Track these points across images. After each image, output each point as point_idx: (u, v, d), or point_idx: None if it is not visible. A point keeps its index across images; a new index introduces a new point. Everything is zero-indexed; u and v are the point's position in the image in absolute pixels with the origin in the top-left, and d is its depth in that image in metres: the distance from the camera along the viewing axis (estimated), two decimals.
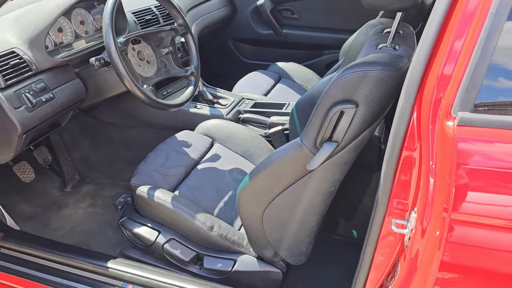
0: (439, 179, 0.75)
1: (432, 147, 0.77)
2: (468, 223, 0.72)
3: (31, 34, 1.37)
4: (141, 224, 1.40)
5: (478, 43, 0.72)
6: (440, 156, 0.75)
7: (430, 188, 0.78)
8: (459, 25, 0.77)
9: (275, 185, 1.14)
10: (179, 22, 1.63)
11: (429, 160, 0.78)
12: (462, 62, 0.74)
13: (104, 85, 1.58)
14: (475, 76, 0.72)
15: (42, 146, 1.93)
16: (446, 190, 0.73)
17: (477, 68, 0.71)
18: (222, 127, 1.71)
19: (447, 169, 0.73)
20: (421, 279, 0.81)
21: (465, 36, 0.75)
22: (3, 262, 1.41)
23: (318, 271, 1.54)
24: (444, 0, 0.80)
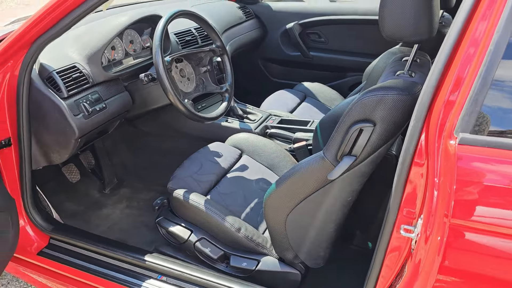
0: (442, 191, 0.88)
1: (437, 163, 0.90)
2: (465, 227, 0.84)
3: (90, 52, 1.57)
4: (176, 224, 1.55)
5: (478, 75, 0.85)
6: (443, 171, 0.88)
7: (434, 199, 0.90)
8: (463, 59, 0.90)
9: (299, 192, 1.27)
10: (217, 44, 1.80)
11: (434, 174, 0.90)
12: (464, 90, 0.87)
13: (148, 98, 1.76)
14: (475, 103, 0.84)
15: (87, 151, 2.13)
16: (447, 200, 0.86)
17: (477, 96, 0.84)
18: (250, 140, 1.86)
19: (448, 182, 0.86)
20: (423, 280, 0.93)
21: (467, 69, 0.88)
22: (53, 252, 1.58)
23: (334, 276, 1.65)
24: (451, 37, 0.93)
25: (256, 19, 2.78)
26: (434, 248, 0.90)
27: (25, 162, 1.47)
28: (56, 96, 1.46)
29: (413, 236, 1.00)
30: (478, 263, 0.87)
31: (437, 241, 0.89)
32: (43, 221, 1.59)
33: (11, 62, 1.35)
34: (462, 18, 0.91)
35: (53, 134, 1.49)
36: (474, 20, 0.90)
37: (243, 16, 2.66)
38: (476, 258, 0.87)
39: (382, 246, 1.11)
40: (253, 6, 2.81)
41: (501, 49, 0.84)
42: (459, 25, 0.91)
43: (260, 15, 2.80)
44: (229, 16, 2.51)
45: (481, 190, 0.83)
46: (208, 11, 2.35)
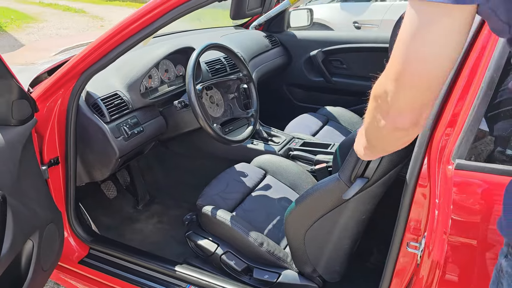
0: (441, 211, 0.98)
1: (437, 186, 1.01)
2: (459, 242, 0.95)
3: (130, 81, 1.75)
4: (204, 238, 1.68)
5: (471, 110, 0.96)
6: (442, 193, 0.99)
7: (435, 218, 1.01)
8: (460, 95, 1.01)
9: (317, 210, 1.39)
10: (244, 73, 1.96)
11: (435, 196, 1.01)
12: (460, 123, 0.98)
13: (181, 122, 1.93)
14: (469, 133, 0.95)
15: (123, 170, 2.30)
16: (445, 219, 0.96)
17: (470, 127, 0.95)
18: (274, 162, 1.98)
19: (446, 203, 0.96)
20: None
21: (462, 104, 1.00)
22: (92, 261, 1.73)
23: None
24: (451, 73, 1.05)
25: (281, 47, 2.94)
26: (435, 262, 1.00)
27: (71, 179, 1.64)
28: (100, 121, 1.64)
29: (418, 252, 1.10)
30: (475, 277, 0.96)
31: (437, 256, 0.99)
32: (84, 233, 1.75)
33: (62, 90, 1.53)
34: (460, 56, 1.03)
35: (96, 154, 1.67)
36: (470, 59, 1.02)
37: (269, 44, 2.82)
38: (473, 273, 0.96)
39: (391, 261, 1.21)
40: (279, 34, 2.97)
41: (492, 85, 0.95)
42: (456, 63, 1.03)
43: (285, 43, 2.96)
44: (256, 45, 2.68)
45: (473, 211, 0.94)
46: (236, 40, 2.53)
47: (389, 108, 0.70)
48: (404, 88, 0.67)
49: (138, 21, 1.32)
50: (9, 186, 1.20)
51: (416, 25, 0.62)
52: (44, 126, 1.53)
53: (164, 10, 1.29)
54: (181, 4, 1.27)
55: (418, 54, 0.63)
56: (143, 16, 1.31)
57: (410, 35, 0.63)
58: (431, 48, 0.63)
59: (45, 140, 1.54)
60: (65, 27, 10.76)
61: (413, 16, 0.63)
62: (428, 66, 0.64)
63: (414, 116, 0.70)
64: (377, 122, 0.75)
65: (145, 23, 1.32)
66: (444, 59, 0.64)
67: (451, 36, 0.62)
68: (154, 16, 1.31)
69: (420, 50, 0.63)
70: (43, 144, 1.53)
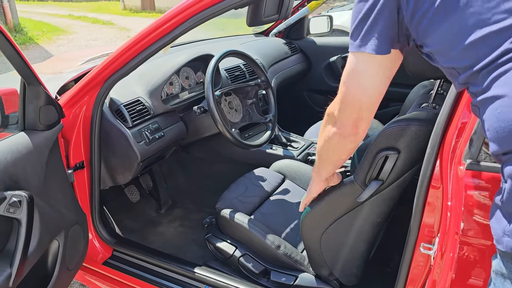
0: (453, 212, 0.99)
1: (449, 187, 1.01)
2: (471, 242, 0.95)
3: (152, 87, 1.82)
4: (222, 240, 1.72)
5: None
6: (454, 194, 0.99)
7: (447, 220, 1.01)
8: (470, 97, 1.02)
9: (332, 213, 1.40)
10: (262, 79, 2.00)
11: (447, 196, 1.02)
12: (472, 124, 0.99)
13: (201, 128, 1.98)
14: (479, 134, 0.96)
15: (146, 174, 2.37)
16: (457, 220, 0.97)
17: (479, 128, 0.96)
18: (293, 166, 2.01)
19: (458, 204, 0.97)
20: None
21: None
22: (115, 262, 1.79)
23: None
24: None
25: (301, 53, 2.97)
26: (447, 263, 1.00)
27: (95, 182, 1.70)
28: (123, 126, 1.70)
29: (431, 253, 1.10)
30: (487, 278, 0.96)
31: (449, 257, 0.99)
32: (108, 235, 1.81)
33: (87, 97, 1.60)
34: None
35: (119, 158, 1.73)
36: None
37: (289, 51, 2.86)
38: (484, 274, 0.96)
39: (405, 263, 1.21)
40: (299, 41, 3.01)
41: None
42: None
43: (305, 50, 2.99)
44: (276, 52, 2.72)
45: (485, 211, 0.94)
46: (256, 48, 2.58)
47: (336, 121, 1.01)
48: (345, 107, 0.96)
49: (157, 30, 1.38)
50: (36, 187, 1.27)
51: (352, 67, 0.91)
52: (70, 131, 1.61)
53: (181, 20, 1.35)
54: (197, 13, 1.33)
55: (353, 86, 0.93)
56: (162, 25, 1.37)
57: (348, 73, 0.92)
58: (362, 84, 0.91)
59: (71, 145, 1.61)
60: (94, 39, 11.10)
61: (351, 60, 0.90)
62: (360, 95, 0.93)
63: (353, 127, 0.99)
64: (328, 132, 1.05)
65: (164, 32, 1.38)
66: (372, 91, 0.92)
67: (377, 76, 0.89)
68: (171, 26, 1.36)
69: (355, 85, 0.92)
70: (69, 149, 1.60)
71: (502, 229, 0.69)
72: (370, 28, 0.84)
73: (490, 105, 0.70)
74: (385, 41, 0.84)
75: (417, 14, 0.77)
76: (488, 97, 0.70)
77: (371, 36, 0.84)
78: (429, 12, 0.75)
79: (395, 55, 0.87)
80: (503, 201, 0.69)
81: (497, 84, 0.68)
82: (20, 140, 1.27)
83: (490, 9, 0.68)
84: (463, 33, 0.71)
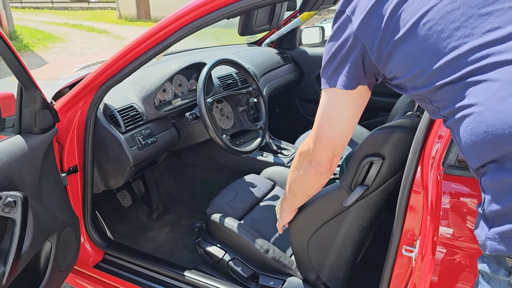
0: (433, 215, 1.03)
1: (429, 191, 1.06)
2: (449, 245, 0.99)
3: (145, 94, 1.86)
4: (212, 244, 1.75)
5: None
6: (433, 198, 1.04)
7: (427, 223, 1.05)
8: None
9: (319, 217, 1.43)
10: (253, 87, 2.05)
11: (427, 201, 1.06)
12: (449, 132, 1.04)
13: (192, 134, 2.02)
14: None
15: (138, 180, 2.40)
16: (436, 223, 1.01)
17: None
18: (283, 173, 2.05)
19: (437, 208, 1.01)
20: None
21: None
22: (107, 265, 1.80)
23: None
24: None
25: (293, 63, 3.03)
26: (427, 266, 1.04)
27: (88, 186, 1.73)
28: (116, 131, 1.74)
29: (413, 255, 1.14)
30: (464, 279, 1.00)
31: (429, 259, 1.03)
32: (99, 239, 1.83)
33: (81, 103, 1.64)
34: None
35: (112, 162, 1.77)
36: None
37: (281, 60, 2.91)
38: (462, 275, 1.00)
39: (389, 265, 1.25)
40: (291, 51, 3.07)
41: None
42: None
43: (297, 59, 3.05)
44: (268, 61, 2.77)
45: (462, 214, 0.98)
46: (248, 57, 2.63)
47: (311, 159, 1.07)
48: (320, 146, 1.03)
49: (151, 38, 1.42)
50: (31, 189, 1.30)
51: (325, 103, 0.97)
52: (65, 136, 1.64)
53: (175, 28, 1.39)
54: (191, 22, 1.37)
55: (326, 125, 0.99)
56: (156, 33, 1.41)
57: (321, 111, 0.98)
58: (333, 122, 0.98)
59: (65, 149, 1.64)
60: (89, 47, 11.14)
61: (324, 97, 0.97)
62: (332, 134, 1.00)
63: (329, 163, 1.07)
64: (303, 171, 1.12)
65: (157, 40, 1.42)
66: (343, 127, 0.99)
67: (346, 110, 0.96)
68: (165, 34, 1.41)
69: (327, 124, 0.99)
70: (63, 153, 1.63)
71: (485, 234, 0.72)
72: (337, 67, 0.90)
73: (462, 123, 0.73)
74: (352, 78, 0.90)
75: (384, 51, 0.83)
76: (458, 117, 0.73)
77: (339, 74, 0.90)
78: (393, 44, 0.81)
79: (363, 90, 0.94)
80: (484, 210, 0.73)
81: (465, 101, 0.72)
82: (16, 142, 1.30)
83: (444, 39, 0.74)
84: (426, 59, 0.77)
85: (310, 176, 1.12)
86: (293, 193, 1.28)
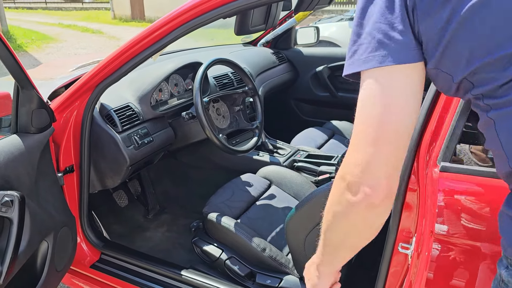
0: (428, 212, 1.04)
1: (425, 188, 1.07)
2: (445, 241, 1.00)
3: (142, 93, 1.86)
4: (209, 243, 1.75)
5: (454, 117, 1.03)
6: (429, 195, 1.05)
7: (423, 220, 1.07)
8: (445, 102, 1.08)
9: (316, 215, 1.43)
10: (249, 87, 2.05)
11: (423, 198, 1.07)
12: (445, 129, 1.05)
13: (189, 133, 2.03)
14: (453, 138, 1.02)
15: (135, 180, 2.40)
16: (432, 219, 1.02)
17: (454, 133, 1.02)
18: (279, 173, 2.05)
19: (432, 204, 1.02)
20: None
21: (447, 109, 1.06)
22: (103, 265, 1.80)
23: None
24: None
25: (288, 63, 3.04)
26: (423, 263, 1.05)
27: (84, 186, 1.73)
28: (113, 130, 1.74)
29: (409, 252, 1.15)
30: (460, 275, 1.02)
31: (425, 256, 1.04)
32: (96, 238, 1.83)
33: (78, 102, 1.64)
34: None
35: (108, 162, 1.77)
36: None
37: (276, 60, 2.92)
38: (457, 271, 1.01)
39: (385, 263, 1.26)
40: (286, 51, 3.08)
41: None
42: None
43: (292, 59, 3.06)
44: (263, 61, 2.78)
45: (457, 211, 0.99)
46: (244, 57, 2.64)
47: (360, 182, 0.70)
48: (382, 148, 0.68)
49: (147, 38, 1.42)
50: (27, 188, 1.30)
51: (379, 89, 0.67)
52: (61, 135, 1.64)
53: (171, 28, 1.39)
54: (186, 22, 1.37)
55: (389, 112, 0.67)
56: (152, 33, 1.41)
57: (374, 100, 0.68)
58: (398, 105, 0.67)
59: (61, 148, 1.64)
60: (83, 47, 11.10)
61: (372, 83, 0.68)
62: (399, 119, 0.67)
63: (389, 182, 0.70)
64: (345, 205, 0.74)
65: (153, 40, 1.42)
66: (411, 111, 0.68)
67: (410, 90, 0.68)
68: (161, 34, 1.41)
69: (391, 109, 0.67)
70: (59, 153, 1.63)
71: None
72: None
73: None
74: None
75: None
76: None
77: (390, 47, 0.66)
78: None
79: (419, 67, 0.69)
80: None
81: None
82: (13, 142, 1.30)
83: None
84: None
85: (359, 213, 0.74)
86: (333, 246, 0.89)
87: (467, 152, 1.05)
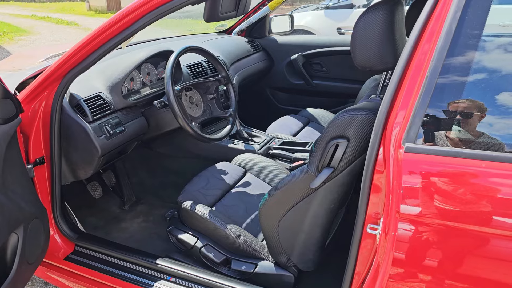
0: (394, 193, 1.06)
1: (391, 170, 1.09)
2: (410, 221, 1.02)
3: (112, 83, 1.83)
4: (184, 232, 1.75)
5: (418, 96, 1.04)
6: (395, 176, 1.07)
7: (390, 201, 1.09)
8: (409, 84, 1.10)
9: (288, 201, 1.46)
10: (222, 75, 2.05)
11: (390, 179, 1.09)
12: (409, 110, 1.06)
13: (162, 122, 2.01)
14: (416, 119, 1.04)
15: (109, 171, 2.37)
16: (398, 200, 1.04)
17: (416, 115, 1.04)
18: (254, 160, 2.06)
19: (398, 185, 1.04)
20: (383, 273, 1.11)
21: (411, 92, 1.08)
22: (77, 257, 1.79)
23: (326, 280, 1.80)
24: (400, 64, 1.13)
25: (263, 51, 3.04)
26: (390, 242, 1.07)
27: (56, 178, 1.71)
28: (83, 120, 1.71)
29: (377, 233, 1.17)
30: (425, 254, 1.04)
31: (391, 236, 1.07)
32: (69, 230, 1.81)
33: (46, 92, 1.60)
34: (407, 51, 1.12)
35: (79, 152, 1.74)
36: (416, 53, 1.10)
37: (251, 49, 2.92)
38: (423, 250, 1.04)
39: (355, 244, 1.29)
40: (261, 40, 3.07)
41: (435, 75, 1.04)
42: (405, 57, 1.11)
43: (267, 48, 3.06)
44: (238, 50, 2.77)
45: (421, 190, 1.02)
46: (218, 45, 2.62)
47: None
48: None
49: (115, 25, 1.40)
50: None
51: None
52: (30, 127, 1.60)
53: (140, 14, 1.38)
54: (155, 8, 1.36)
55: None
56: (120, 20, 1.39)
57: None
58: None
59: (30, 140, 1.61)
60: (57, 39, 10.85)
61: None
62: None
63: None
64: None
65: (123, 26, 1.40)
66: None
67: None
68: (130, 20, 1.39)
69: None
70: (28, 144, 1.60)
71: None
72: None
73: None
74: None
75: None
76: None
77: None
78: None
79: None
80: None
81: None
82: None
83: None
84: None
85: None
86: None
87: (443, 137, 1.07)
